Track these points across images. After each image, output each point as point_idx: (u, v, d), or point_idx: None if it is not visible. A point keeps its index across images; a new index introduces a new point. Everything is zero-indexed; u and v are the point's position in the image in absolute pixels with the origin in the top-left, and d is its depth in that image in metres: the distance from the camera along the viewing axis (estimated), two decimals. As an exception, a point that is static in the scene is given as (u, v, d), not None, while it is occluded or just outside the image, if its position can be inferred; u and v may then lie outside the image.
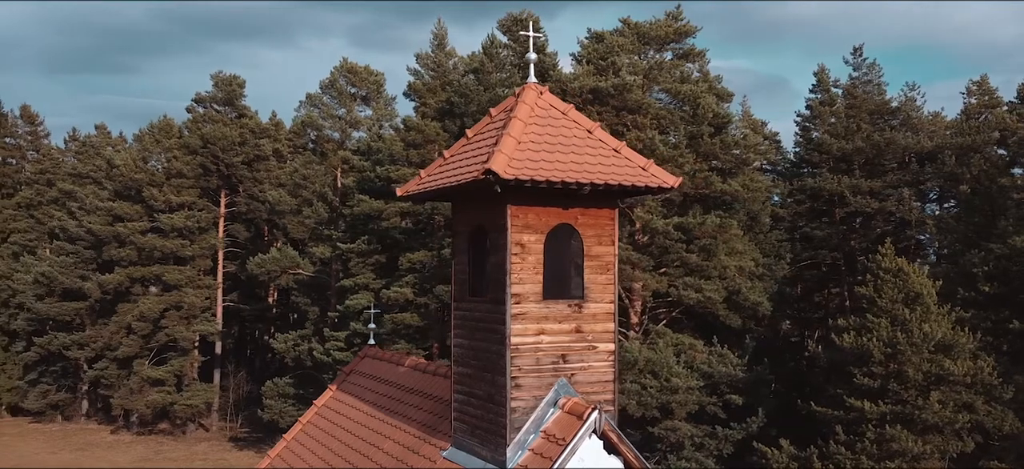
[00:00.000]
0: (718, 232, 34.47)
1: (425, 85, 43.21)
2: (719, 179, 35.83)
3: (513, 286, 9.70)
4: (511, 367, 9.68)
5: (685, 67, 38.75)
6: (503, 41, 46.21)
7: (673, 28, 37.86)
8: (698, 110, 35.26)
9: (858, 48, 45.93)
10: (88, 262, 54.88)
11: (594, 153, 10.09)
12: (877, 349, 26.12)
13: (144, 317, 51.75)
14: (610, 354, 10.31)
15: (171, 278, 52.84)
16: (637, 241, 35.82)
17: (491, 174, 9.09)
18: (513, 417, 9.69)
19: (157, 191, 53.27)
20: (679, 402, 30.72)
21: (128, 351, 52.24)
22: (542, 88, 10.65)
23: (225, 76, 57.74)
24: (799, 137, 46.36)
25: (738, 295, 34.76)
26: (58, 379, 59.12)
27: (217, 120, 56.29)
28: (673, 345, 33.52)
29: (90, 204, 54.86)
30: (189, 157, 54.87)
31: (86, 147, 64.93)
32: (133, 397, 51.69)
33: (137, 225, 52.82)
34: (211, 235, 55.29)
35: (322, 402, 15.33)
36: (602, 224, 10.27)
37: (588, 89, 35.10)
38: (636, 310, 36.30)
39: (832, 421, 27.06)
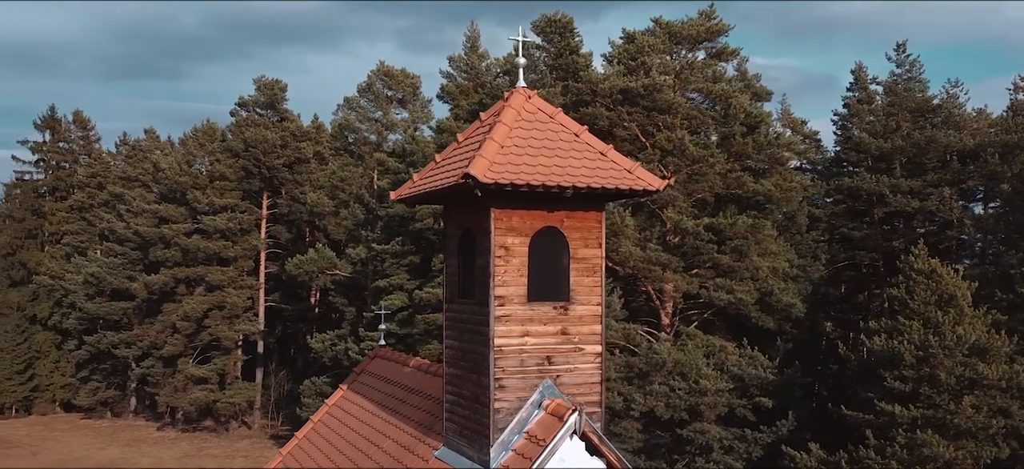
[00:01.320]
0: (750, 232, 34.10)
1: (458, 87, 43.52)
2: (751, 179, 35.46)
3: (497, 288, 9.83)
4: (495, 368, 9.80)
5: (718, 66, 38.41)
6: (537, 42, 46.40)
7: (705, 27, 37.55)
8: (730, 110, 34.90)
9: (901, 44, 45.00)
10: (135, 263, 56.43)
11: (579, 156, 10.16)
12: (908, 352, 25.62)
13: (188, 317, 53.02)
14: (597, 356, 10.37)
15: (214, 279, 54.02)
16: (668, 242, 35.63)
17: (470, 178, 9.23)
18: (497, 418, 9.81)
19: (201, 193, 54.52)
20: (708, 404, 30.48)
21: (173, 350, 53.59)
22: (531, 92, 10.76)
23: (267, 80, 58.87)
24: (837, 136, 45.61)
25: (771, 297, 34.34)
26: (108, 377, 60.92)
27: (259, 124, 57.38)
28: (703, 347, 33.27)
29: (137, 207, 56.40)
30: (232, 160, 56.05)
31: (135, 151, 66.69)
32: (178, 395, 53.02)
33: (181, 227, 54.15)
34: (253, 236, 56.40)
35: (333, 401, 15.64)
36: (588, 227, 10.34)
37: (618, 90, 35.06)
38: (667, 311, 36.11)
39: (862, 425, 26.62)
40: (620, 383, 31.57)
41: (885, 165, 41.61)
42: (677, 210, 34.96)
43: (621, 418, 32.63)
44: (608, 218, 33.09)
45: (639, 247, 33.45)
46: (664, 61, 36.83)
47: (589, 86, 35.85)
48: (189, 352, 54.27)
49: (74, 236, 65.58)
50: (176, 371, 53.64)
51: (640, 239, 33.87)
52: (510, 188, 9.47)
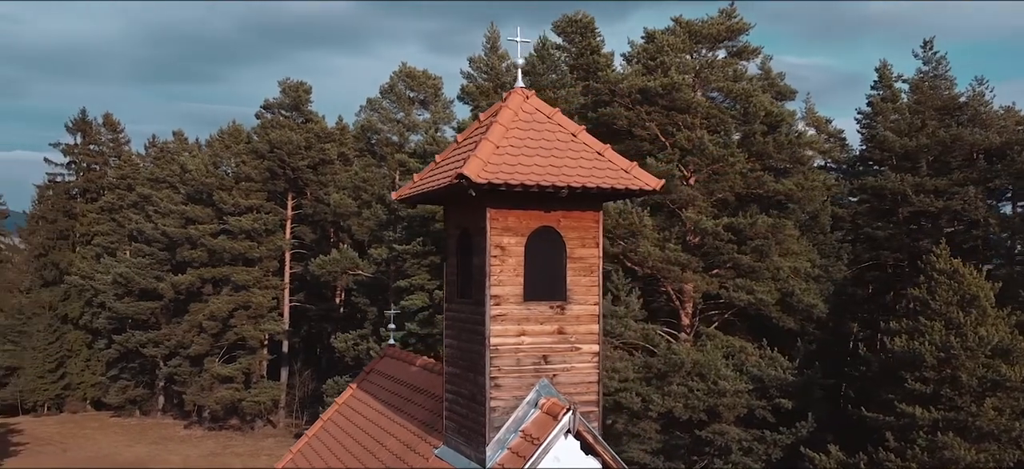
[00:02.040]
0: (771, 232, 33.84)
1: (478, 88, 43.63)
2: (772, 179, 35.19)
3: (492, 288, 9.89)
4: (490, 367, 9.87)
5: (739, 65, 38.16)
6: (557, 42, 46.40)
7: (725, 26, 37.32)
8: (750, 108, 34.67)
9: (928, 41, 44.36)
10: (163, 263, 57.27)
11: (576, 156, 10.19)
12: (929, 353, 25.29)
13: (214, 316, 53.70)
14: (594, 355, 10.40)
15: (240, 279, 54.65)
16: (688, 242, 35.46)
17: (464, 178, 9.31)
18: (493, 416, 9.88)
19: (227, 194, 55.19)
20: (727, 405, 30.31)
21: (200, 349, 54.31)
22: (529, 93, 10.81)
23: (292, 83, 59.43)
24: (862, 134, 45.12)
25: (792, 297, 34.04)
26: (136, 376, 61.87)
27: (284, 125, 57.95)
28: (723, 348, 33.07)
29: (165, 208, 57.23)
30: (257, 161, 56.68)
31: (163, 153, 67.65)
32: (204, 393, 53.72)
33: (208, 227, 54.85)
34: (278, 237, 56.99)
35: (343, 400, 15.80)
36: (586, 226, 10.37)
37: (637, 89, 34.95)
38: (687, 312, 35.94)
39: (883, 427, 26.32)
40: (638, 384, 31.48)
41: (910, 164, 41.08)
42: (697, 210, 34.80)
43: (640, 419, 32.55)
44: (626, 218, 33.11)
45: (658, 247, 33.34)
46: (683, 60, 36.66)
47: (608, 86, 35.76)
48: (215, 351, 54.96)
49: (104, 237, 66.69)
50: (202, 370, 54.36)
51: (659, 239, 33.74)
52: (504, 188, 9.53)
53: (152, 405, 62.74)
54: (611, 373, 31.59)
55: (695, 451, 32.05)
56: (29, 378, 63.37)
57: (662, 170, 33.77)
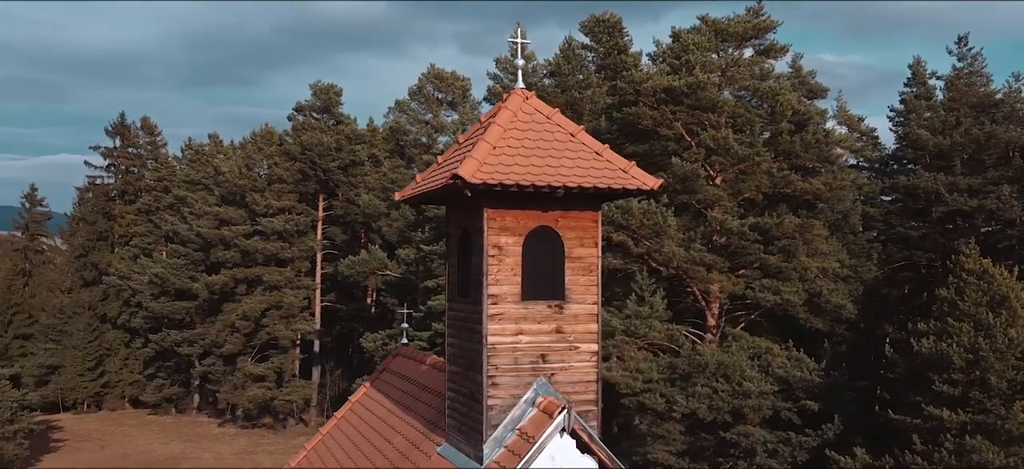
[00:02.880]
0: (798, 232, 33.49)
1: (505, 89, 43.75)
2: (799, 178, 34.80)
3: (490, 287, 9.98)
4: (488, 366, 9.96)
5: (766, 63, 37.81)
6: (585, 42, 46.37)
7: (752, 24, 37.01)
8: (776, 107, 34.33)
9: (962, 37, 43.58)
10: (197, 264, 58.24)
11: (574, 156, 10.24)
12: (958, 355, 24.85)
13: (247, 316, 54.50)
14: (593, 355, 10.43)
15: (272, 279, 55.41)
16: (714, 242, 35.22)
17: (458, 179, 9.40)
18: (490, 414, 9.96)
19: (259, 196, 55.97)
20: (751, 407, 30.04)
21: (233, 348, 55.14)
22: (529, 93, 10.87)
23: (323, 85, 60.10)
24: (894, 132, 44.43)
25: (819, 297, 33.64)
26: (172, 374, 63.00)
27: (315, 127, 58.62)
28: (749, 349, 32.79)
29: (199, 209, 58.20)
30: (289, 163, 57.40)
31: (199, 155, 68.75)
32: (237, 392, 54.54)
33: (241, 228, 55.68)
34: (309, 238, 57.65)
35: (356, 399, 16.00)
36: (584, 226, 10.41)
37: (661, 89, 34.80)
38: (713, 313, 35.68)
39: (910, 430, 25.91)
40: (662, 384, 31.34)
41: (944, 162, 40.38)
42: (723, 210, 34.55)
43: (664, 419, 32.40)
44: (651, 219, 32.98)
45: (683, 247, 33.16)
46: (709, 59, 36.41)
47: (632, 86, 35.65)
48: (248, 351, 55.77)
49: (141, 238, 67.99)
50: (235, 369, 55.19)
51: (684, 240, 33.55)
52: (499, 188, 9.61)
53: (187, 403, 63.83)
54: (635, 374, 31.52)
55: (720, 453, 31.81)
56: (69, 376, 64.86)
57: (687, 170, 33.66)
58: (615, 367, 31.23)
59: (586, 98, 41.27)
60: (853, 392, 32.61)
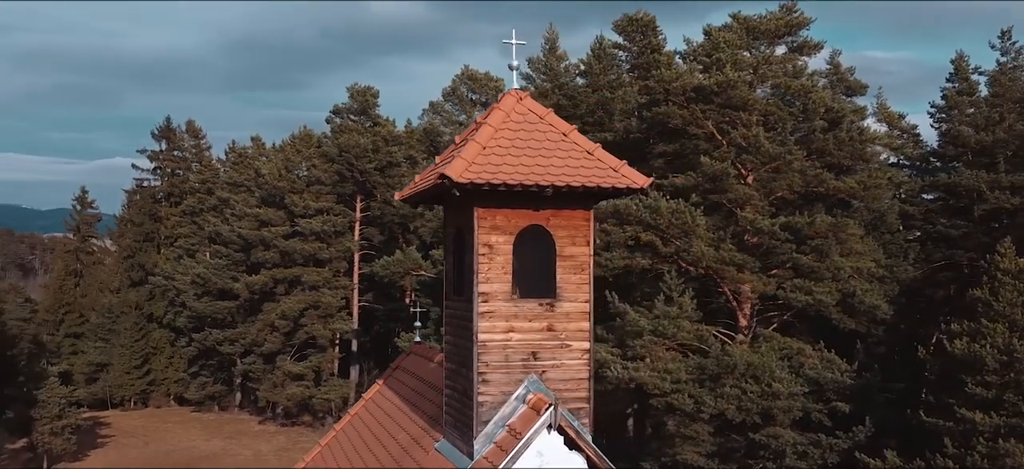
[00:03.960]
0: (832, 231, 33.00)
1: (537, 89, 43.86)
2: (832, 176, 34.28)
3: (481, 285, 10.11)
4: (478, 363, 10.10)
5: (799, 61, 37.35)
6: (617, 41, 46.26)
7: (784, 21, 36.56)
8: (808, 105, 33.87)
9: (1006, 32, 42.48)
10: (238, 264, 59.40)
11: (564, 156, 10.33)
12: (991, 356, 24.32)
13: (286, 316, 55.44)
14: (584, 352, 10.51)
15: (310, 279, 56.26)
16: (746, 242, 34.88)
17: (445, 179, 9.56)
18: (480, 411, 10.10)
19: (298, 197, 56.88)
20: (781, 408, 29.71)
21: (272, 347, 56.14)
22: (523, 94, 10.99)
23: (360, 87, 60.89)
24: (935, 129, 43.52)
25: (853, 298, 33.09)
26: (215, 372, 64.35)
27: (352, 129, 59.37)
28: (780, 349, 32.41)
29: (240, 211, 59.35)
30: (327, 165, 58.23)
31: (241, 158, 70.11)
32: (276, 390, 55.50)
33: (280, 229, 56.66)
34: (347, 238, 58.40)
35: (370, 396, 16.26)
36: (576, 225, 10.49)
37: (691, 87, 34.57)
38: (745, 313, 35.32)
39: (942, 432, 25.41)
40: (691, 385, 31.13)
41: (987, 159, 39.43)
42: (754, 209, 34.20)
43: (692, 420, 32.21)
44: (678, 217, 32.78)
45: (712, 247, 32.90)
46: (740, 57, 36.06)
47: (661, 85, 35.48)
48: (287, 350, 56.71)
49: (186, 239, 69.52)
50: (275, 368, 56.15)
51: (714, 239, 33.29)
52: (487, 188, 9.74)
53: (230, 401, 65.14)
54: (663, 374, 31.36)
55: (749, 455, 31.50)
56: (117, 374, 66.63)
57: (717, 168, 33.39)
58: (643, 368, 31.12)
59: (617, 98, 41.18)
60: (888, 394, 32.06)
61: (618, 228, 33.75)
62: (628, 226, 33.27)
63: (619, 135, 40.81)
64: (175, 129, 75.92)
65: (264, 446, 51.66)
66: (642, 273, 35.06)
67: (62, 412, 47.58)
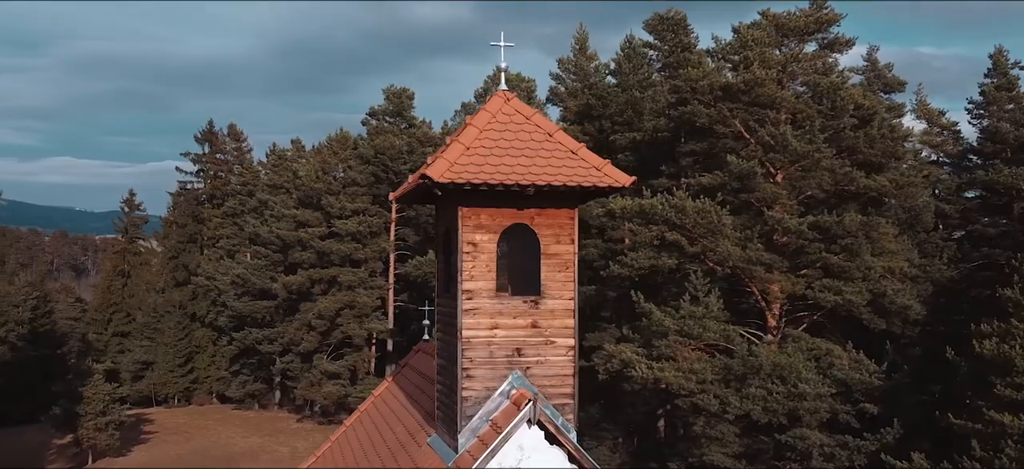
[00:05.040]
0: (862, 230, 32.53)
1: (567, 90, 43.97)
2: (863, 175, 33.78)
3: (464, 283, 10.32)
4: (462, 359, 10.31)
5: (829, 58, 36.88)
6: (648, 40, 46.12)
7: (814, 18, 36.12)
8: (837, 102, 33.43)
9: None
10: (277, 265, 60.47)
11: (548, 155, 10.48)
12: (1021, 357, 23.80)
13: (322, 315, 56.27)
14: (569, 349, 10.65)
15: (346, 279, 57.04)
16: (775, 241, 34.56)
17: (426, 179, 9.79)
18: (464, 406, 10.31)
19: (334, 199, 57.72)
20: (808, 409, 29.39)
21: (309, 346, 57.04)
22: (510, 95, 11.16)
23: (396, 89, 61.55)
24: (973, 125, 42.63)
25: (884, 298, 32.58)
26: (255, 371, 65.58)
27: (388, 131, 60.06)
28: (809, 350, 32.04)
29: (278, 212, 60.43)
30: (363, 166, 58.99)
31: (280, 160, 71.34)
32: (313, 389, 56.38)
33: (317, 230, 57.56)
34: (382, 239, 59.06)
35: (379, 392, 16.59)
36: (561, 223, 10.64)
37: (718, 86, 34.37)
38: (774, 314, 34.99)
39: (971, 435, 24.93)
40: (717, 386, 30.96)
41: (1027, 156, 38.49)
42: (783, 208, 33.87)
43: (718, 420, 32.04)
44: (704, 217, 32.62)
45: (739, 246, 32.68)
46: (769, 55, 35.72)
47: (688, 84, 35.33)
48: (324, 349, 57.57)
49: (227, 240, 70.98)
50: (312, 366, 57.03)
51: (741, 239, 33.05)
52: (468, 187, 9.94)
53: (269, 399, 66.33)
54: (688, 374, 31.23)
55: (776, 455, 31.23)
56: (161, 372, 68.33)
57: (744, 167, 33.14)
58: (668, 368, 31.05)
59: (646, 97, 41.10)
60: (924, 396, 31.49)
61: (644, 228, 33.74)
62: (654, 226, 33.24)
63: (648, 134, 40.77)
64: (217, 132, 77.56)
65: (300, 443, 52.50)
66: (670, 273, 34.98)
67: (106, 408, 48.95)
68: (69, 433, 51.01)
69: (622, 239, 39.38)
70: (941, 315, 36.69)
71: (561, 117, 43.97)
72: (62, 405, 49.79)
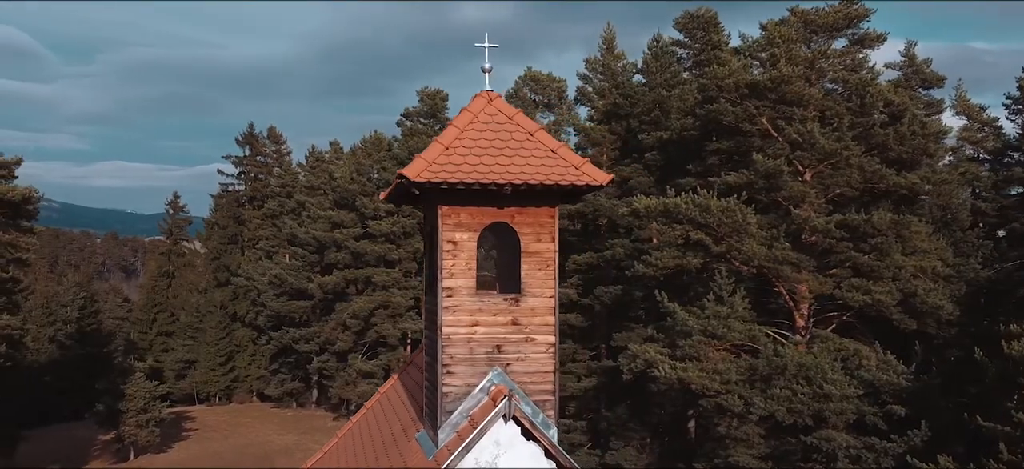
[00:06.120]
0: (892, 228, 31.96)
1: (594, 89, 43.94)
2: (893, 172, 33.19)
3: (445, 280, 10.50)
4: (442, 355, 10.48)
5: (859, 54, 36.30)
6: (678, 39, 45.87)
7: (843, 13, 35.56)
8: (866, 99, 32.90)
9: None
10: (312, 265, 61.38)
11: (527, 154, 10.61)
12: (1050, 358, 23.19)
13: (357, 315, 56.97)
14: (549, 346, 10.76)
15: (380, 280, 57.66)
16: (804, 241, 34.14)
17: (403, 179, 9.98)
18: (444, 401, 10.48)
19: (368, 200, 58.39)
20: (833, 410, 28.98)
21: (344, 346, 57.81)
22: (494, 95, 11.30)
23: (430, 91, 62.04)
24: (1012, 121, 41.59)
25: (914, 298, 31.96)
26: (293, 370, 66.62)
27: (422, 132, 60.53)
28: (837, 351, 31.58)
29: (314, 213, 61.34)
30: (397, 167, 59.54)
31: (318, 161, 72.39)
32: (348, 388, 57.11)
33: (352, 231, 58.29)
34: (416, 240, 59.50)
35: (384, 390, 16.84)
36: (541, 222, 10.76)
37: (744, 84, 34.06)
38: (802, 314, 34.54)
39: (998, 437, 24.35)
40: (741, 386, 30.69)
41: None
42: (812, 207, 33.44)
43: (743, 421, 31.75)
44: (729, 216, 32.34)
45: (765, 246, 32.34)
46: (796, 52, 35.28)
47: (714, 82, 35.07)
48: (359, 348, 58.28)
49: (267, 241, 72.27)
50: (347, 365, 57.78)
51: (766, 238, 32.70)
52: (445, 187, 10.11)
53: (307, 398, 67.32)
54: (712, 374, 31.02)
55: (802, 457, 30.82)
56: (203, 370, 69.79)
57: (769, 166, 32.78)
58: (691, 368, 30.87)
59: (674, 96, 40.87)
60: (953, 397, 30.84)
61: (668, 227, 33.58)
62: (678, 225, 33.07)
63: (675, 134, 40.53)
64: (257, 135, 78.93)
65: (335, 441, 53.24)
66: (697, 273, 34.77)
67: (147, 406, 50.19)
68: (112, 429, 52.41)
69: (649, 239, 39.21)
70: (975, 315, 35.87)
71: (589, 117, 43.92)
72: (105, 402, 51.18)
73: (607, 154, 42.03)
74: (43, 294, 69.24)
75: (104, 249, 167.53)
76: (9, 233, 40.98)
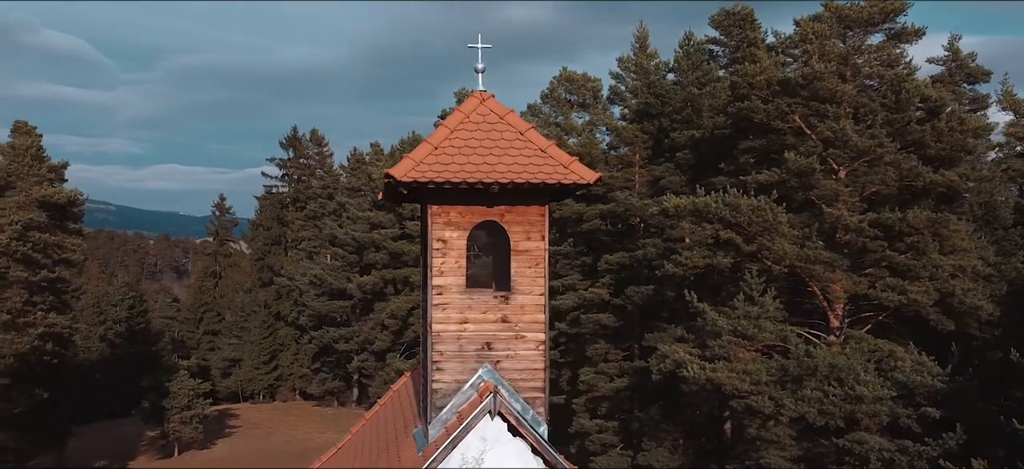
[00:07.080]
0: (929, 227, 31.26)
1: (627, 88, 43.76)
2: (929, 170, 32.45)
3: (434, 278, 10.64)
4: (432, 352, 10.63)
5: (896, 49, 35.55)
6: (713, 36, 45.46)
7: (879, 8, 34.86)
8: (902, 95, 32.22)
9: None
10: (352, 266, 62.17)
11: (516, 153, 10.71)
12: (1087, 360, 22.51)
13: (395, 315, 57.57)
14: (540, 344, 10.83)
15: (417, 280, 58.14)
16: (838, 240, 33.58)
17: (390, 178, 10.16)
18: (434, 397, 10.63)
19: (406, 201, 58.95)
20: (866, 412, 28.46)
21: (382, 345, 58.44)
22: (486, 95, 11.42)
23: (466, 92, 62.33)
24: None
25: (952, 298, 31.21)
26: (333, 369, 67.54)
27: (459, 134, 60.90)
28: (871, 352, 30.98)
29: (354, 214, 62.13)
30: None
31: (359, 163, 73.28)
32: (386, 387, 57.57)
33: (390, 232, 58.92)
34: (453, 240, 60.01)
35: (397, 387, 17.05)
36: (531, 220, 10.85)
37: (776, 81, 33.63)
38: (837, 314, 33.96)
39: (1034, 441, 23.71)
40: (772, 387, 30.31)
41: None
42: (846, 205, 32.87)
43: (774, 422, 31.35)
44: (759, 215, 31.96)
45: (797, 245, 31.88)
46: (831, 47, 34.71)
47: (745, 80, 34.68)
48: (397, 347, 58.85)
49: (309, 242, 73.41)
50: (385, 365, 58.37)
51: (798, 237, 32.24)
52: (432, 186, 10.26)
53: (348, 396, 68.19)
54: (742, 375, 30.69)
55: (834, 459, 30.31)
56: (248, 369, 71.16)
57: (801, 164, 32.31)
58: (721, 368, 30.59)
59: (705, 94, 40.49)
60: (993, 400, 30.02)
61: (698, 226, 33.31)
62: (708, 224, 32.79)
63: (707, 132, 40.16)
64: (300, 138, 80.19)
65: (373, 440, 53.89)
66: (729, 272, 34.43)
67: (190, 403, 51.37)
68: (157, 426, 53.75)
69: (682, 239, 38.93)
70: (1018, 316, 34.87)
71: (621, 116, 43.77)
72: (150, 399, 52.51)
73: (639, 153, 41.84)
74: (94, 294, 71.33)
75: (157, 250, 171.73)
76: (56, 234, 42.29)
